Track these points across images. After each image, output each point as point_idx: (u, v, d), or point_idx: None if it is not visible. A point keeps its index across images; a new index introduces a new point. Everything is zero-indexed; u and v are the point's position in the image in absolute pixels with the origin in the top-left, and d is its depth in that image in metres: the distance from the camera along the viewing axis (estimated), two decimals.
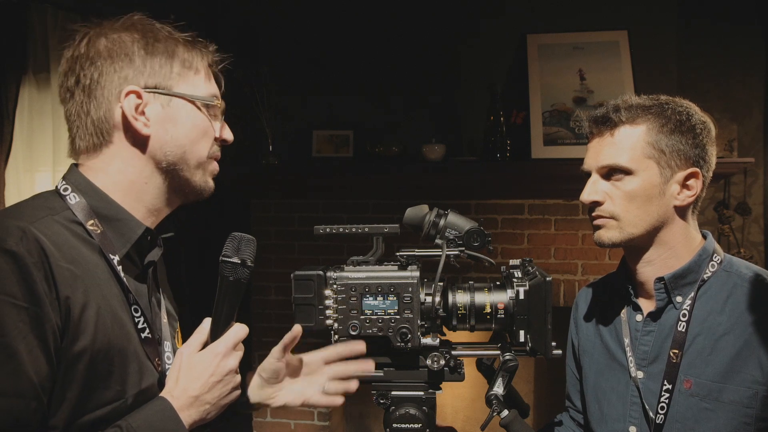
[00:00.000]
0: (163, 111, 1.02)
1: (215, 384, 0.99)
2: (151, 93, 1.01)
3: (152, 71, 1.02)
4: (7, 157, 2.36)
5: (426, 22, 3.08)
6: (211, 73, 1.10)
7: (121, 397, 0.94)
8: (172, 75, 1.03)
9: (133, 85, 1.00)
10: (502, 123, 2.86)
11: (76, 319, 0.88)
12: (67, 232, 0.94)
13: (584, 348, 1.43)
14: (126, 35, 1.02)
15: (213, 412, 1.00)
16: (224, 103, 1.11)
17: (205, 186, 1.09)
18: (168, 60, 1.03)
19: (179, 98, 1.03)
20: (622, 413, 1.30)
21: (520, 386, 2.67)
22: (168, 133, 1.03)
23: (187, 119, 1.04)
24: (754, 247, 3.07)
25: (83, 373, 0.89)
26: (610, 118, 1.25)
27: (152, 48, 1.02)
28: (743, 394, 1.15)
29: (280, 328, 3.19)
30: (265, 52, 3.17)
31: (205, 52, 1.09)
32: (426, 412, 1.13)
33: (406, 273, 1.11)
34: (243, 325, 1.04)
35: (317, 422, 3.19)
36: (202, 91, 1.06)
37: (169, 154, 1.03)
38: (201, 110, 1.06)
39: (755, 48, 3.01)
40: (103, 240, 0.97)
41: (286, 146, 3.16)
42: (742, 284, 1.22)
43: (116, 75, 1.00)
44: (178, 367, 0.99)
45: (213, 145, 1.09)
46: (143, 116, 1.01)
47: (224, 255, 1.00)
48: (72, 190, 0.99)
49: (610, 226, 1.26)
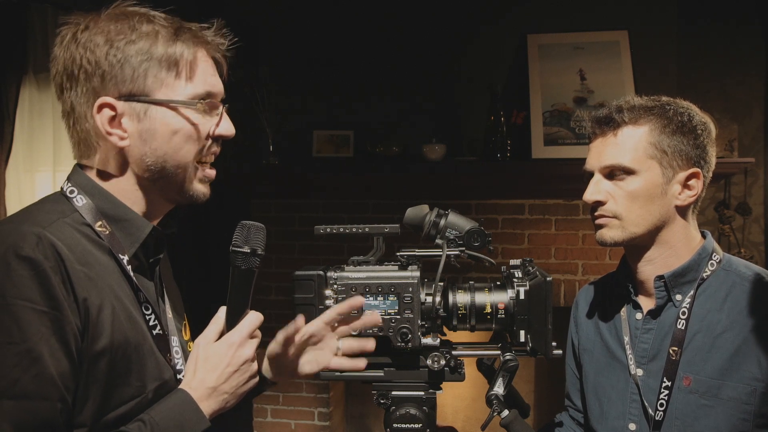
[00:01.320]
0: (139, 122, 0.97)
1: (232, 374, 0.99)
2: (126, 102, 0.96)
3: (126, 78, 0.95)
4: (7, 157, 2.36)
5: (426, 22, 3.08)
6: (204, 63, 1.01)
7: (142, 393, 0.96)
8: (148, 79, 0.96)
9: (106, 97, 0.95)
10: (502, 123, 2.86)
11: (94, 320, 0.89)
12: (78, 234, 0.94)
13: (584, 346, 1.44)
14: (98, 37, 0.95)
15: (232, 401, 1.01)
16: (221, 95, 1.04)
17: (194, 192, 1.04)
18: (144, 62, 0.96)
19: (158, 105, 0.97)
20: (621, 410, 1.31)
21: (520, 386, 2.66)
22: (147, 144, 0.98)
23: (167, 127, 0.98)
24: (755, 247, 3.07)
25: (104, 372, 0.90)
26: (613, 119, 1.26)
27: (124, 51, 0.95)
28: (742, 390, 1.16)
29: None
30: (265, 52, 3.17)
31: (194, 43, 0.99)
32: (426, 412, 1.13)
33: (407, 273, 1.11)
34: (257, 313, 1.04)
35: (317, 422, 3.19)
36: (187, 92, 0.99)
37: (151, 164, 0.99)
38: (184, 114, 0.99)
39: (755, 48, 3.01)
40: (111, 241, 0.97)
41: (286, 146, 3.16)
42: (741, 283, 1.23)
43: (89, 85, 0.96)
44: (195, 359, 1.00)
45: (203, 147, 1.02)
46: (119, 129, 0.96)
47: (234, 245, 1.00)
48: (78, 192, 0.99)
49: (613, 226, 1.26)
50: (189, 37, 0.99)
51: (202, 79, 1.01)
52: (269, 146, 3.09)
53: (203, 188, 1.05)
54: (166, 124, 0.98)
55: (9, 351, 0.82)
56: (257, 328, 1.04)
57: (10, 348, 0.82)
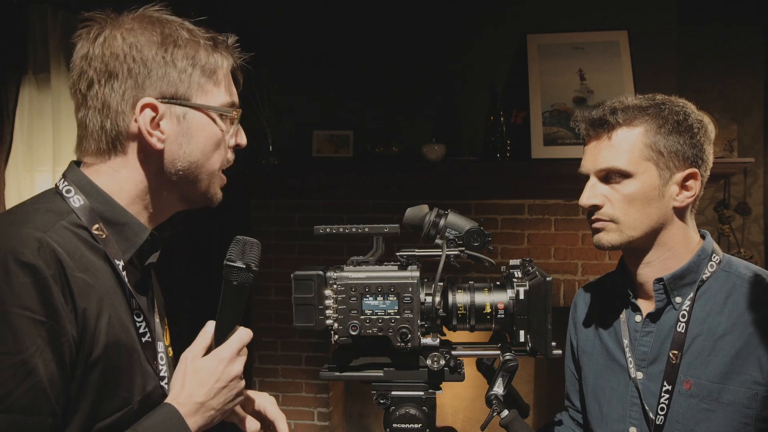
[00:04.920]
0: (178, 125, 0.98)
1: (220, 390, 0.98)
2: (167, 105, 0.97)
3: (171, 80, 0.96)
4: (7, 157, 2.36)
5: (426, 22, 3.08)
6: (230, 76, 1.05)
7: (128, 404, 0.94)
8: (191, 84, 0.98)
9: (150, 97, 0.95)
10: (502, 123, 2.87)
11: (91, 330, 0.88)
12: (76, 238, 0.92)
13: (583, 348, 1.43)
14: (143, 37, 0.96)
15: (218, 417, 0.99)
16: (240, 109, 1.07)
17: (214, 196, 1.07)
18: (189, 67, 0.97)
19: (196, 110, 0.99)
20: (621, 414, 1.30)
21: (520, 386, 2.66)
22: (182, 148, 0.99)
23: (202, 132, 1.00)
24: (754, 247, 3.07)
25: (96, 383, 0.89)
26: (607, 121, 1.24)
27: (172, 54, 0.96)
28: (743, 394, 1.15)
29: (280, 328, 3.19)
30: (265, 51, 3.17)
31: (226, 54, 1.03)
32: (426, 412, 1.13)
33: (406, 273, 1.11)
34: (247, 330, 1.03)
35: (317, 422, 3.19)
36: (220, 100, 1.02)
37: (180, 168, 1.00)
38: (217, 122, 1.02)
39: (755, 48, 3.01)
40: (108, 245, 0.95)
41: (286, 146, 3.16)
42: (741, 284, 1.22)
43: (132, 84, 0.95)
44: (183, 373, 0.98)
45: (226, 155, 1.06)
46: (158, 130, 0.97)
47: (228, 259, 0.99)
48: (75, 192, 0.96)
49: (610, 229, 1.25)
50: (224, 49, 1.03)
51: (229, 89, 1.04)
52: (269, 146, 3.09)
53: (221, 193, 1.09)
54: (201, 130, 1.00)
55: (3, 362, 0.80)
56: (246, 345, 1.02)
57: (4, 358, 0.80)
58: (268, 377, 3.22)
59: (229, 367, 0.99)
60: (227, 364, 0.99)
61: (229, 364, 0.99)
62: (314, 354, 3.16)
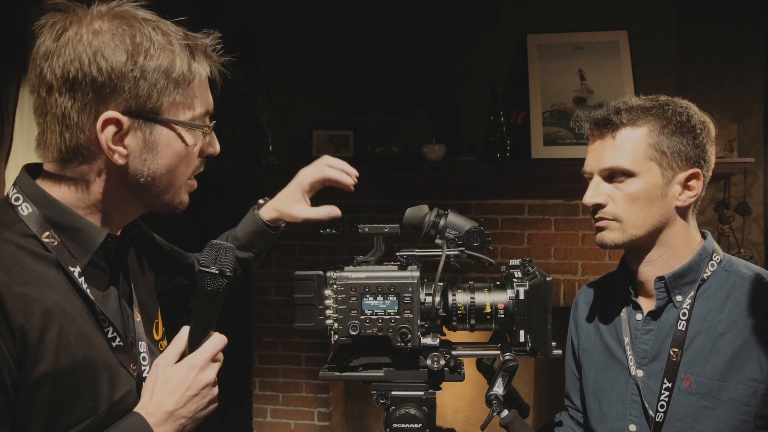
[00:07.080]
0: (143, 140, 0.91)
1: (191, 398, 0.95)
2: (133, 119, 0.89)
3: (139, 94, 0.88)
4: (7, 157, 2.36)
5: (426, 22, 3.08)
6: (206, 83, 0.98)
7: (94, 413, 0.90)
8: (161, 98, 0.90)
9: (114, 111, 0.88)
10: (502, 123, 2.87)
11: (33, 346, 0.83)
12: (18, 250, 0.87)
13: (584, 347, 1.44)
14: (113, 42, 0.87)
15: (189, 425, 0.96)
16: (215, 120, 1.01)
17: (178, 205, 1.02)
18: (161, 79, 0.89)
19: (164, 125, 0.92)
20: (621, 411, 1.31)
21: (520, 386, 2.66)
22: (146, 164, 0.93)
23: (169, 148, 0.94)
24: (754, 247, 3.07)
25: (48, 397, 0.85)
26: (611, 120, 1.25)
27: (143, 65, 0.88)
28: (742, 392, 1.16)
29: (280, 328, 3.19)
30: (265, 52, 3.17)
31: (204, 61, 0.96)
32: (426, 412, 1.13)
33: (406, 273, 1.11)
34: (221, 336, 1.00)
35: (317, 422, 3.19)
36: (193, 112, 0.95)
37: (144, 182, 0.94)
38: (185, 138, 0.95)
39: (755, 48, 3.01)
40: (60, 252, 0.91)
41: (286, 146, 3.16)
42: (741, 283, 1.23)
43: (95, 96, 0.87)
44: (154, 380, 0.95)
45: (195, 166, 1.01)
46: (120, 145, 0.90)
47: (202, 264, 0.95)
48: (23, 200, 0.91)
49: (613, 228, 1.26)
50: (201, 55, 0.96)
51: (204, 99, 0.98)
52: (269, 146, 3.09)
53: (186, 199, 1.03)
54: (168, 145, 0.94)
55: None
56: (220, 351, 1.00)
57: None
58: (268, 377, 3.22)
59: (200, 375, 0.96)
60: (199, 372, 0.96)
61: (200, 372, 0.96)
62: (314, 354, 3.16)
